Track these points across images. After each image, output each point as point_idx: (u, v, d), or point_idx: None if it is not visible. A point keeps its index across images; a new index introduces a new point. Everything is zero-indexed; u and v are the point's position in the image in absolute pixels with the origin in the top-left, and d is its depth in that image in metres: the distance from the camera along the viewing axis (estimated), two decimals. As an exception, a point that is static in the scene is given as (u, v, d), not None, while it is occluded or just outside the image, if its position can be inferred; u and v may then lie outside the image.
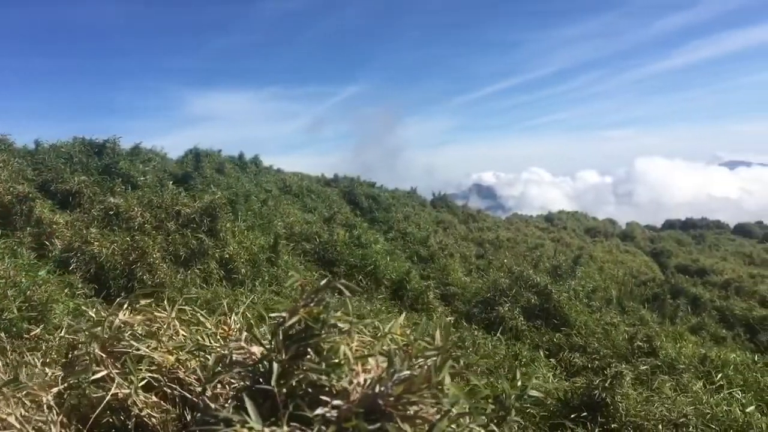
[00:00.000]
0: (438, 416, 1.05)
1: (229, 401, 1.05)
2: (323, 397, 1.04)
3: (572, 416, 3.33)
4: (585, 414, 3.32)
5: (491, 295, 7.00)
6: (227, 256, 6.07)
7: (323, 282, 1.38)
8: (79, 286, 6.26)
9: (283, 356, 1.13)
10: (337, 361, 1.12)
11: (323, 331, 1.20)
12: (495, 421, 1.45)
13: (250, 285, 5.90)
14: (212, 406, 1.16)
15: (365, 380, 1.08)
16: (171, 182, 7.86)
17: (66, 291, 6.03)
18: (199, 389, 1.25)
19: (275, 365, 1.10)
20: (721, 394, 3.67)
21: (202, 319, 1.59)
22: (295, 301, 4.65)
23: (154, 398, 1.34)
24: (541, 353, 5.51)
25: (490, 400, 1.49)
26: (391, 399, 1.03)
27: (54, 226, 7.35)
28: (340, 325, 1.32)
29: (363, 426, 0.99)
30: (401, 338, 1.40)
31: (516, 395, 1.48)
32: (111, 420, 1.38)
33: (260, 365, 1.15)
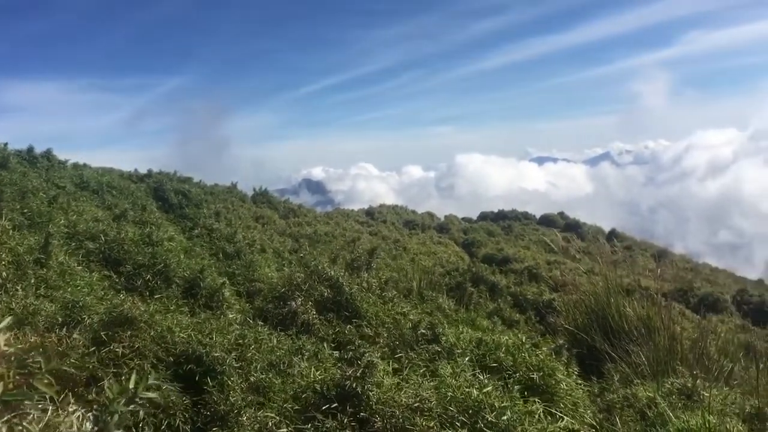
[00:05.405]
0: None
1: None
2: None
3: (324, 408, 3.34)
4: (336, 405, 3.35)
5: (286, 290, 6.93)
6: (-17, 259, 5.47)
7: None
8: None
9: None
10: None
11: None
12: (97, 427, 1.34)
13: (11, 289, 5.34)
14: None
15: None
16: None
17: None
18: None
19: None
20: (464, 377, 3.88)
21: None
22: (68, 303, 4.21)
23: None
24: (326, 346, 5.52)
25: (95, 406, 1.38)
26: None
27: None
28: None
29: None
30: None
31: (128, 399, 1.37)
32: None
33: None
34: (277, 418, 3.48)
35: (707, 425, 4.34)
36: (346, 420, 3.25)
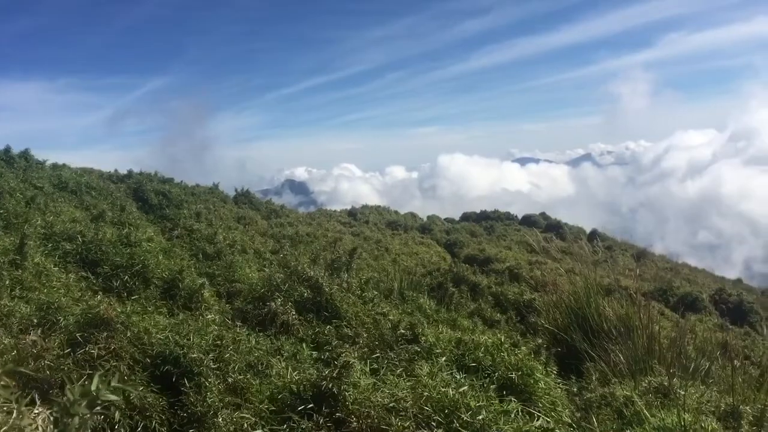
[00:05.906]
0: None
1: None
2: None
3: (300, 408, 3.33)
4: (312, 406, 3.34)
5: (265, 290, 6.90)
6: (-45, 261, 5.40)
7: None
8: None
9: None
10: None
11: None
12: (57, 429, 1.33)
13: (-15, 291, 5.27)
14: None
15: None
16: None
17: None
18: None
19: None
20: (441, 377, 3.88)
21: None
22: (42, 304, 4.15)
23: None
24: (305, 346, 5.51)
25: (55, 408, 1.36)
26: None
27: None
28: None
29: None
30: None
31: (90, 401, 1.35)
32: None
33: None
34: (253, 419, 3.47)
35: (682, 423, 4.38)
36: (322, 420, 3.25)
